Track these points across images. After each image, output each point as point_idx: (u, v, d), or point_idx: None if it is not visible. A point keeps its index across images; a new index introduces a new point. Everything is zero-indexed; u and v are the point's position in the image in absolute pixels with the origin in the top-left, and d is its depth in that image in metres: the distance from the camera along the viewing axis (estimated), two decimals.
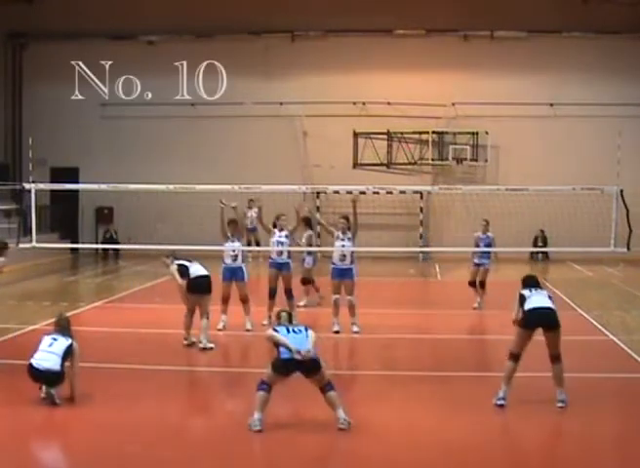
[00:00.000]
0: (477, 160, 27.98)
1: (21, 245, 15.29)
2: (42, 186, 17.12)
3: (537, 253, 27.23)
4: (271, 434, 8.19)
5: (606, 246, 14.72)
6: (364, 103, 28.16)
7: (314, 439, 8.23)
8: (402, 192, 25.40)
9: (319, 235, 25.60)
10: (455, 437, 8.30)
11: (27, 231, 17.37)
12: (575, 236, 20.15)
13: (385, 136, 28.16)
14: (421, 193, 27.36)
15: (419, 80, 28.11)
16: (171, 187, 15.84)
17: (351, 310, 13.64)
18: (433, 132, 27.98)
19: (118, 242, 27.36)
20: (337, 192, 22.81)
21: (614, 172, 14.88)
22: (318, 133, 28.20)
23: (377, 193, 21.49)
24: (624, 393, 10.29)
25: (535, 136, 27.75)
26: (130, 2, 28.49)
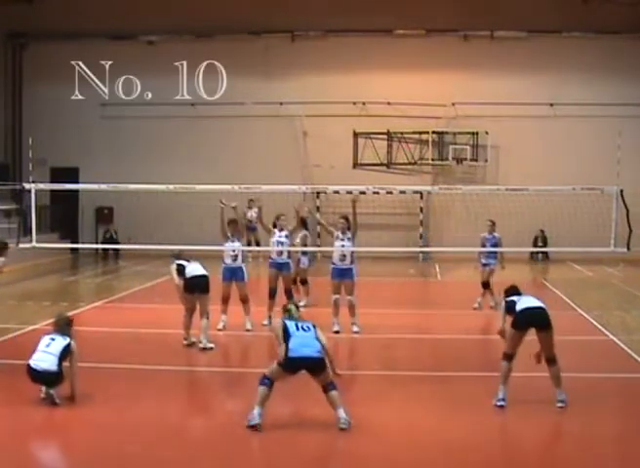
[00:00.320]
0: (477, 160, 27.98)
1: (21, 245, 15.29)
2: (42, 186, 17.12)
3: (537, 253, 27.25)
4: (271, 434, 8.20)
5: (606, 246, 14.72)
6: (364, 103, 28.17)
7: (314, 438, 8.23)
8: (402, 192, 25.43)
9: (319, 235, 25.66)
10: (455, 437, 8.30)
11: (27, 231, 17.37)
12: (575, 236, 20.14)
13: (385, 136, 28.16)
14: (421, 193, 27.37)
15: (419, 80, 28.12)
16: (171, 187, 15.85)
17: (351, 310, 13.65)
18: (433, 132, 27.98)
19: (118, 242, 27.37)
20: (337, 192, 22.82)
21: (614, 172, 14.89)
22: (318, 133, 28.20)
23: (377, 193, 21.49)
24: (624, 393, 10.30)
25: (535, 136, 27.75)
26: (130, 2, 28.49)
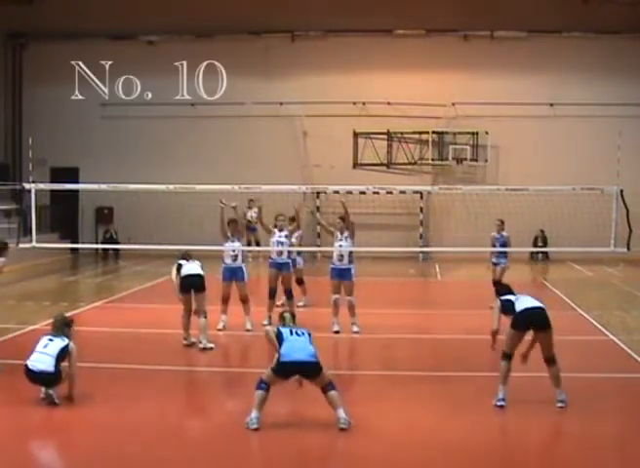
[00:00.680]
0: (477, 160, 27.96)
1: (21, 245, 15.29)
2: (42, 186, 17.12)
3: (537, 253, 27.23)
4: (271, 433, 8.20)
5: (606, 246, 14.73)
6: (364, 103, 28.15)
7: (314, 438, 8.23)
8: (402, 192, 25.43)
9: (319, 235, 25.69)
10: (455, 437, 8.30)
11: (27, 231, 17.37)
12: (575, 236, 20.15)
13: (385, 136, 28.15)
14: (421, 193, 27.36)
15: (419, 80, 28.11)
16: (171, 187, 15.85)
17: (351, 310, 13.65)
18: (433, 132, 27.97)
19: (118, 242, 27.36)
20: (337, 192, 22.79)
21: (614, 172, 14.90)
22: (318, 133, 28.19)
23: (377, 193, 21.53)
24: (624, 393, 10.30)
25: (535, 136, 27.74)
26: (130, 2, 28.48)
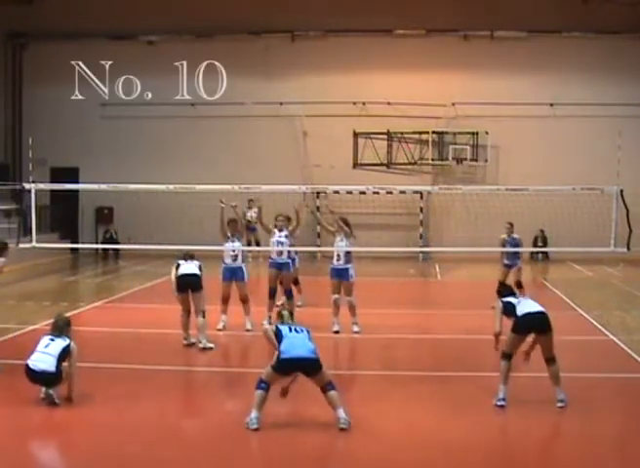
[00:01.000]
0: (477, 160, 27.96)
1: (21, 245, 15.28)
2: (42, 186, 17.11)
3: (537, 253, 27.22)
4: (271, 434, 8.20)
5: (606, 246, 14.73)
6: (364, 103, 28.15)
7: (314, 438, 8.23)
8: (402, 192, 25.43)
9: (319, 235, 25.68)
10: (455, 437, 8.30)
11: (27, 231, 17.37)
12: (575, 236, 20.13)
13: (385, 136, 28.14)
14: (421, 193, 27.35)
15: (419, 80, 28.10)
16: (171, 187, 15.84)
17: (351, 310, 13.65)
18: (433, 132, 27.96)
19: (118, 242, 27.35)
20: (337, 192, 22.85)
21: (614, 172, 14.89)
22: (318, 133, 28.18)
23: (377, 193, 21.52)
24: (624, 393, 10.29)
25: (535, 137, 27.73)
26: (130, 2, 28.48)
